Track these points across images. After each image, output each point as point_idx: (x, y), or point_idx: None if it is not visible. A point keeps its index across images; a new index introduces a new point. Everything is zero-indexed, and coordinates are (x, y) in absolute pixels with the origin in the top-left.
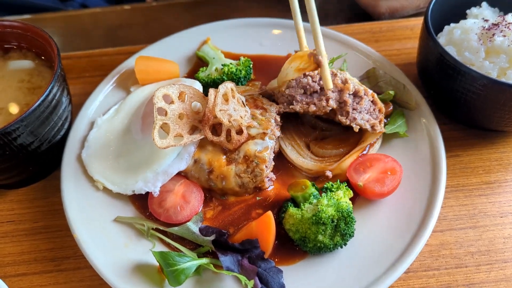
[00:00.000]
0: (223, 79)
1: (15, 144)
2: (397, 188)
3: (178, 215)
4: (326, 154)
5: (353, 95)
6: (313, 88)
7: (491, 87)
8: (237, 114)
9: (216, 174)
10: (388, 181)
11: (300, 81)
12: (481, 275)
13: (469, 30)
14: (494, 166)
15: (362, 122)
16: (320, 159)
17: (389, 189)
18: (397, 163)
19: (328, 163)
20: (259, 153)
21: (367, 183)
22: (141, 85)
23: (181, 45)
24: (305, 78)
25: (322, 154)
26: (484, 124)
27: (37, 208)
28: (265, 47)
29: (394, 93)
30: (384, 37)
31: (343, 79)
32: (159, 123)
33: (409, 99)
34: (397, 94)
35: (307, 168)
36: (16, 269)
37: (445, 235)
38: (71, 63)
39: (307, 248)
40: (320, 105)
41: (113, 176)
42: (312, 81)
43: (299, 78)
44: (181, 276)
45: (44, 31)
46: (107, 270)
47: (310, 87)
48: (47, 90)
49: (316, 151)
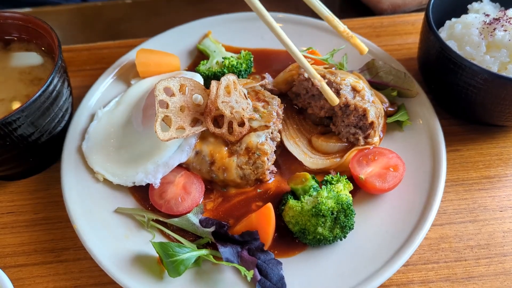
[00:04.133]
0: (224, 72)
1: (15, 135)
2: (399, 183)
3: (179, 206)
4: (330, 148)
5: (344, 106)
6: (311, 91)
7: (492, 81)
8: (239, 106)
9: (218, 166)
10: (389, 178)
11: (301, 83)
12: (480, 269)
13: (470, 25)
14: (494, 160)
15: (347, 135)
16: (323, 155)
17: (389, 186)
18: (400, 160)
19: (331, 162)
20: (261, 145)
21: (369, 177)
22: (141, 78)
23: (182, 39)
24: (306, 82)
25: (326, 149)
26: (484, 119)
27: (38, 199)
28: (266, 41)
29: (395, 82)
30: (385, 32)
31: (338, 89)
32: (161, 116)
33: (410, 85)
34: (398, 83)
35: (312, 169)
36: (16, 260)
37: (444, 228)
38: (72, 56)
39: (306, 240)
40: (315, 112)
41: (113, 168)
42: (312, 85)
43: (301, 80)
44: (181, 267)
45: (45, 23)
46: (107, 261)
47: (310, 90)
48: (48, 81)
49: (319, 145)
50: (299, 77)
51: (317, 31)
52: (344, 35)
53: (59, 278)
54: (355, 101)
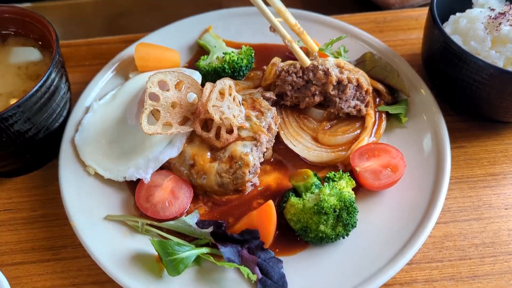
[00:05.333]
0: (224, 67)
1: (12, 131)
2: (392, 185)
3: (166, 210)
4: (338, 141)
5: (338, 84)
6: (298, 83)
7: (497, 76)
8: (230, 113)
9: (197, 169)
10: (383, 177)
11: (285, 80)
12: (485, 267)
13: (475, 19)
14: (499, 157)
15: (349, 110)
16: (329, 147)
17: (380, 184)
18: (403, 162)
19: (337, 155)
20: (244, 155)
21: (363, 171)
22: (140, 72)
23: (182, 34)
24: (289, 76)
25: (334, 142)
26: (489, 115)
27: (35, 196)
28: (267, 36)
29: (389, 80)
30: (388, 27)
31: (325, 70)
32: (149, 108)
33: (402, 86)
34: (391, 81)
35: (317, 163)
36: (13, 258)
37: (449, 226)
38: (70, 51)
39: (308, 238)
40: (309, 101)
41: (105, 162)
42: (297, 77)
43: (284, 77)
44: (180, 266)
45: (42, 16)
46: (105, 260)
47: (295, 83)
48: (45, 75)
49: (327, 140)
50: (280, 75)
51: (314, 25)
52: (295, 30)
53: (57, 276)
54: (345, 75)
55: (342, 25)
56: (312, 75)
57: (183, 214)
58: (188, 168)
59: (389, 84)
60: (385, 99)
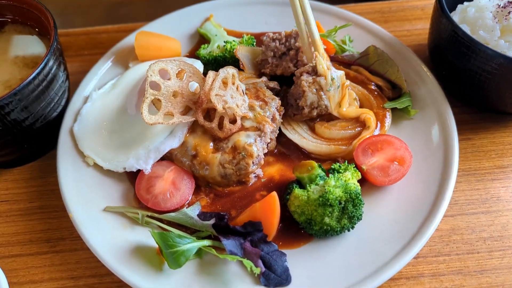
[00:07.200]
0: (225, 56)
1: (8, 119)
2: (401, 179)
3: (167, 202)
4: (333, 135)
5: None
6: (280, 50)
7: (507, 66)
8: (233, 102)
9: (200, 160)
10: (392, 172)
11: (269, 45)
12: (494, 261)
13: (484, 8)
14: (507, 150)
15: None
16: (326, 141)
17: (390, 180)
18: (408, 153)
19: (337, 148)
20: (248, 146)
21: (371, 169)
22: (140, 61)
23: (183, 22)
24: (273, 42)
25: (329, 135)
26: (498, 107)
27: (33, 187)
28: (269, 25)
29: (389, 75)
30: (394, 17)
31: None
32: (150, 97)
33: (401, 82)
34: (391, 76)
35: (316, 153)
36: (10, 250)
37: (456, 220)
38: (69, 41)
39: (312, 231)
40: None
41: (104, 152)
42: (280, 43)
43: (268, 43)
44: (181, 258)
45: (39, 3)
46: (104, 252)
47: (278, 50)
48: (43, 62)
49: (322, 132)
50: (264, 41)
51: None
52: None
53: (55, 269)
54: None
55: (347, 15)
56: (293, 41)
57: (184, 206)
58: (190, 158)
59: (389, 78)
60: (387, 94)
